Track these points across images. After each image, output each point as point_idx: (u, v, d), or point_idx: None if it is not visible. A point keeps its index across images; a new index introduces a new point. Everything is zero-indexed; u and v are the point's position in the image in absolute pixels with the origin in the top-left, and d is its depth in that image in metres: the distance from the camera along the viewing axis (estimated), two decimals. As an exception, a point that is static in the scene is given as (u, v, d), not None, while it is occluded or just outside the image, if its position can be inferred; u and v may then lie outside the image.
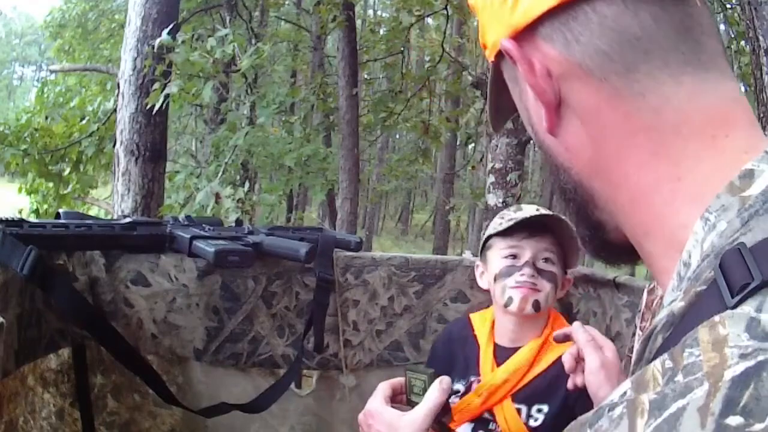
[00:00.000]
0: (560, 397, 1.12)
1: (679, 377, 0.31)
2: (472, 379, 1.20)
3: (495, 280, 1.21)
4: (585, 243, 0.52)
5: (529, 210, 1.25)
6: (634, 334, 1.17)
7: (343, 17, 5.42)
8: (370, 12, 15.72)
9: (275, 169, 6.13)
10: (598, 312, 1.35)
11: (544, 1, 0.43)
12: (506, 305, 1.17)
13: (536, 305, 1.16)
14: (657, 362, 0.33)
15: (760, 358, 0.30)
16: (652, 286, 1.14)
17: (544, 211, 1.27)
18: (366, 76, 8.17)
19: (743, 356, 0.30)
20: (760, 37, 2.23)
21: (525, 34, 0.45)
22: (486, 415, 1.15)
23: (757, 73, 2.47)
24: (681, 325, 0.36)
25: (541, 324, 1.19)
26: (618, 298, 1.27)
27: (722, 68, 0.43)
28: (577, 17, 0.43)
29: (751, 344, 0.31)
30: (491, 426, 1.14)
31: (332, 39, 8.55)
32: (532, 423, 1.12)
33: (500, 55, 0.47)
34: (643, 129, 0.42)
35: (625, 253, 0.49)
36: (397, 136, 18.84)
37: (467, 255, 1.66)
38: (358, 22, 8.28)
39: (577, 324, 0.97)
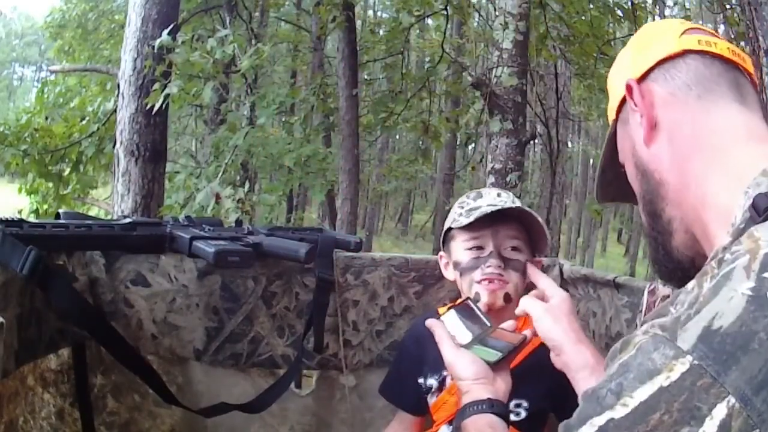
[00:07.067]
0: (540, 392, 1.09)
1: (728, 257, 0.52)
2: (445, 373, 1.17)
3: (461, 274, 1.16)
4: (656, 264, 0.74)
5: (489, 197, 1.19)
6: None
7: (342, 18, 5.42)
8: (370, 12, 15.72)
9: (275, 170, 6.12)
10: (597, 312, 1.35)
11: (655, 56, 0.73)
12: (475, 301, 1.11)
13: (507, 297, 1.12)
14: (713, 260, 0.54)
15: None
16: (652, 287, 1.14)
17: (504, 195, 1.20)
18: (366, 77, 8.17)
19: None
20: (760, 38, 2.23)
21: (640, 80, 0.73)
22: None
23: (757, 74, 2.47)
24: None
25: (511, 317, 1.11)
26: (618, 299, 1.27)
27: (755, 105, 0.70)
28: (675, 65, 0.72)
29: None
30: None
31: (332, 40, 8.55)
32: (514, 418, 1.08)
33: (619, 108, 0.77)
34: (707, 143, 0.67)
35: (689, 268, 0.69)
36: (397, 137, 18.85)
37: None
38: (358, 23, 8.28)
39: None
